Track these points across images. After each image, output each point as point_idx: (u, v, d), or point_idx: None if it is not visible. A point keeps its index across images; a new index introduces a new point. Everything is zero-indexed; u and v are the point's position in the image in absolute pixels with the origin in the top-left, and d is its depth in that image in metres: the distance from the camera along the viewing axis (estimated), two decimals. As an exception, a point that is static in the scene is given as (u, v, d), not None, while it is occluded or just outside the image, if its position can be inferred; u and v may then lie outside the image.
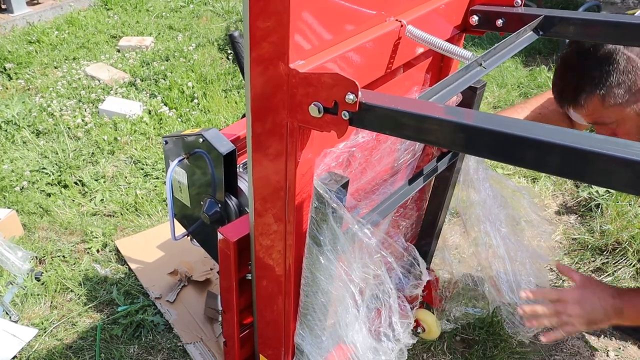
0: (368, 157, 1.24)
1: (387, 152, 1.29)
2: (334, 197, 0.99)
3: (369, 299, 1.16)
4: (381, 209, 1.24)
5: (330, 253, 1.06)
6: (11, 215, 2.54)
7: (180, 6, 5.34)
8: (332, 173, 1.04)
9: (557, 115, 1.71)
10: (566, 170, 0.75)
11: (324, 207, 1.00)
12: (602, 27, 1.18)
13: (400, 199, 1.30)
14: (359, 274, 1.10)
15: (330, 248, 1.06)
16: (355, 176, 1.23)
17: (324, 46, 0.97)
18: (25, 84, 3.96)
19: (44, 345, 2.06)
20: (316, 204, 1.02)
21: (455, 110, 0.87)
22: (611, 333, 2.18)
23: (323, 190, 0.99)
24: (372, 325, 1.24)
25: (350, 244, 1.07)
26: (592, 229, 2.60)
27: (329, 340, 1.25)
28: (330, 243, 1.05)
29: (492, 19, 1.30)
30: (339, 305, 1.15)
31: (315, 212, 1.03)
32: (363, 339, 1.17)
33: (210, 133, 1.50)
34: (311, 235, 1.08)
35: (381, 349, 1.22)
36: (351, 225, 1.03)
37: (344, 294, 1.12)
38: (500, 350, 2.05)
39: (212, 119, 3.51)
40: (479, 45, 4.52)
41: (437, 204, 1.68)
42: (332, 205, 0.99)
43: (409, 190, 1.33)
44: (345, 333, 1.16)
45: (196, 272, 2.32)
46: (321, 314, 1.19)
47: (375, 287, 1.15)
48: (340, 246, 1.05)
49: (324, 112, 0.90)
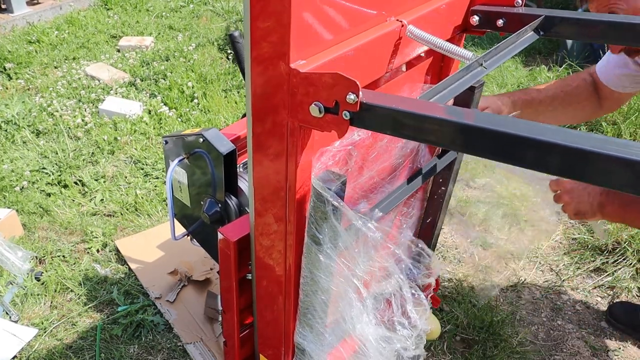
0: (365, 155, 1.24)
1: (385, 149, 1.29)
2: (333, 195, 0.99)
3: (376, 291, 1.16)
4: (381, 207, 1.24)
5: (331, 251, 1.06)
6: (11, 215, 2.54)
7: (180, 6, 5.34)
8: (330, 171, 1.04)
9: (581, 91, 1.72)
10: (566, 170, 0.75)
11: (323, 206, 1.00)
12: (603, 27, 1.18)
13: (399, 198, 1.30)
14: (363, 267, 1.10)
15: (330, 246, 1.06)
16: (352, 174, 1.23)
17: (325, 46, 0.97)
18: (25, 83, 3.96)
19: (44, 345, 2.06)
20: (315, 203, 1.02)
21: (456, 111, 0.87)
22: (611, 333, 2.18)
23: (322, 189, 0.99)
24: (384, 316, 1.24)
25: (353, 240, 1.06)
26: (592, 228, 2.60)
27: (332, 336, 1.25)
28: (330, 241, 1.05)
29: (493, 19, 1.30)
30: (340, 301, 1.15)
31: (314, 210, 1.03)
32: (374, 330, 1.18)
33: (210, 133, 1.50)
34: (310, 234, 1.07)
35: (396, 337, 1.23)
36: (354, 221, 1.03)
37: (347, 289, 1.12)
38: (500, 350, 2.06)
39: (212, 119, 3.51)
40: (479, 45, 4.53)
41: (436, 203, 1.68)
42: (332, 203, 0.99)
43: (408, 189, 1.33)
44: (352, 327, 1.16)
45: (196, 271, 2.32)
46: (322, 312, 1.19)
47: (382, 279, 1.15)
48: (342, 243, 1.05)
49: (325, 112, 0.90)
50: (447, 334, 2.11)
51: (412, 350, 1.27)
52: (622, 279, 2.37)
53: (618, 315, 2.19)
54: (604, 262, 2.45)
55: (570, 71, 3.92)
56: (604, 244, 2.50)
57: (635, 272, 2.39)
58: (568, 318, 2.25)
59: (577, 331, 2.19)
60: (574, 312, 2.27)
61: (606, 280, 2.39)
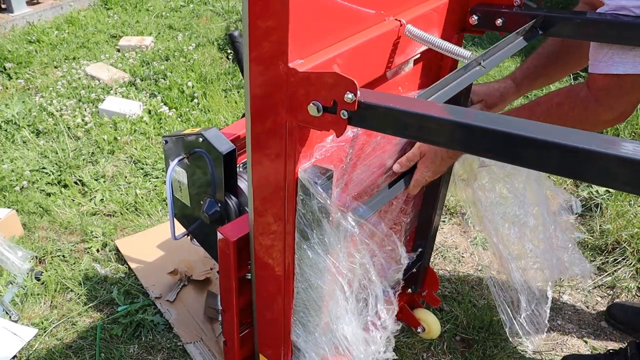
0: (359, 151, 1.24)
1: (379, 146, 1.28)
2: (318, 189, 0.99)
3: (357, 289, 1.16)
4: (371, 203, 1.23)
5: (318, 246, 1.06)
6: (11, 215, 2.54)
7: (180, 6, 5.34)
8: (317, 166, 1.04)
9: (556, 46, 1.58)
10: (566, 169, 0.75)
11: (309, 199, 1.01)
12: (602, 26, 1.18)
13: (391, 194, 1.30)
14: (345, 264, 1.10)
15: (317, 241, 1.06)
16: (346, 170, 1.22)
17: (323, 45, 0.97)
18: (25, 83, 3.96)
19: (44, 345, 2.06)
20: (302, 197, 1.02)
21: (454, 110, 0.87)
22: (611, 332, 2.18)
23: (308, 183, 0.99)
24: (361, 316, 1.23)
25: (337, 235, 1.06)
26: (592, 228, 2.60)
27: (323, 337, 1.25)
28: (317, 236, 1.05)
29: (492, 18, 1.30)
30: (330, 300, 1.15)
31: (302, 205, 1.03)
32: (353, 332, 1.17)
33: (210, 133, 1.50)
34: (299, 229, 1.08)
35: (370, 338, 1.21)
36: (334, 214, 1.03)
37: (334, 287, 1.11)
38: (500, 350, 2.06)
39: (212, 119, 3.51)
40: (479, 45, 4.52)
41: (431, 203, 1.68)
42: (317, 198, 0.99)
43: (400, 186, 1.33)
44: (336, 327, 1.15)
45: (196, 271, 2.32)
46: (312, 310, 1.19)
47: (362, 277, 1.14)
48: (327, 238, 1.05)
49: (323, 112, 0.90)
50: (447, 334, 2.11)
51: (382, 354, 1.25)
52: (622, 278, 2.37)
53: (617, 315, 2.18)
54: (604, 262, 2.45)
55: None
56: (604, 244, 2.50)
57: (635, 272, 2.39)
58: (568, 318, 2.25)
59: (577, 331, 2.19)
60: (574, 312, 2.27)
61: (606, 280, 2.39)
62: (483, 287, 2.34)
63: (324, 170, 1.03)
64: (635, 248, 2.44)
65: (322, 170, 1.03)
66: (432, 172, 1.34)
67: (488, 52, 1.12)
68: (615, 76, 1.19)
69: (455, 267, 2.46)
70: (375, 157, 1.29)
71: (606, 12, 1.19)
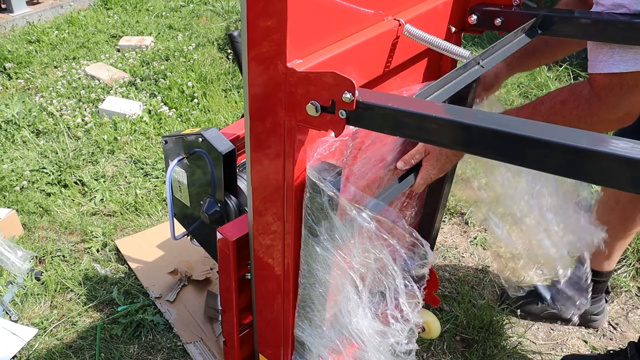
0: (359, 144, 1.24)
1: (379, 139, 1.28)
2: (329, 185, 0.99)
3: (371, 283, 1.15)
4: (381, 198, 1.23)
5: (327, 242, 1.06)
6: (11, 215, 2.54)
7: (180, 6, 5.34)
8: (326, 162, 1.04)
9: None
10: (567, 169, 0.74)
11: (319, 196, 1.00)
12: (601, 26, 1.18)
13: (400, 189, 1.29)
14: (359, 259, 1.09)
15: (326, 237, 1.06)
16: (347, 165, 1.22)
17: (322, 45, 0.97)
18: (25, 83, 3.96)
19: (44, 345, 2.06)
20: (310, 194, 1.02)
21: (454, 109, 0.87)
22: (611, 332, 2.18)
23: (317, 179, 0.99)
24: (378, 309, 1.23)
25: (349, 231, 1.06)
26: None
27: (331, 330, 1.25)
28: (327, 232, 1.05)
29: (491, 18, 1.30)
30: (338, 294, 1.15)
31: (310, 202, 1.03)
32: (369, 324, 1.17)
33: (209, 133, 1.50)
34: (307, 226, 1.07)
35: (390, 331, 1.22)
36: (349, 211, 1.03)
37: (344, 281, 1.11)
38: (500, 350, 2.05)
39: (212, 119, 3.51)
40: (479, 44, 4.52)
41: (434, 200, 1.68)
42: (327, 194, 0.99)
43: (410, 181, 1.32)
44: (348, 320, 1.16)
45: (196, 271, 2.32)
46: (320, 304, 1.18)
47: (377, 271, 1.14)
48: (338, 234, 1.05)
49: (322, 111, 0.90)
50: (447, 334, 2.11)
51: (404, 345, 1.26)
52: (622, 278, 2.37)
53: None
54: (604, 261, 2.45)
55: (569, 71, 3.92)
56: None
57: (635, 272, 2.39)
58: (568, 317, 2.25)
59: (577, 331, 2.19)
60: (574, 312, 2.27)
61: (606, 279, 2.38)
62: (483, 287, 2.34)
63: (332, 166, 1.03)
64: (635, 248, 2.43)
65: (331, 166, 1.03)
66: (437, 170, 1.35)
67: (487, 52, 1.12)
68: (617, 75, 1.19)
69: (455, 267, 2.46)
70: (376, 150, 1.28)
71: (603, 12, 1.19)
